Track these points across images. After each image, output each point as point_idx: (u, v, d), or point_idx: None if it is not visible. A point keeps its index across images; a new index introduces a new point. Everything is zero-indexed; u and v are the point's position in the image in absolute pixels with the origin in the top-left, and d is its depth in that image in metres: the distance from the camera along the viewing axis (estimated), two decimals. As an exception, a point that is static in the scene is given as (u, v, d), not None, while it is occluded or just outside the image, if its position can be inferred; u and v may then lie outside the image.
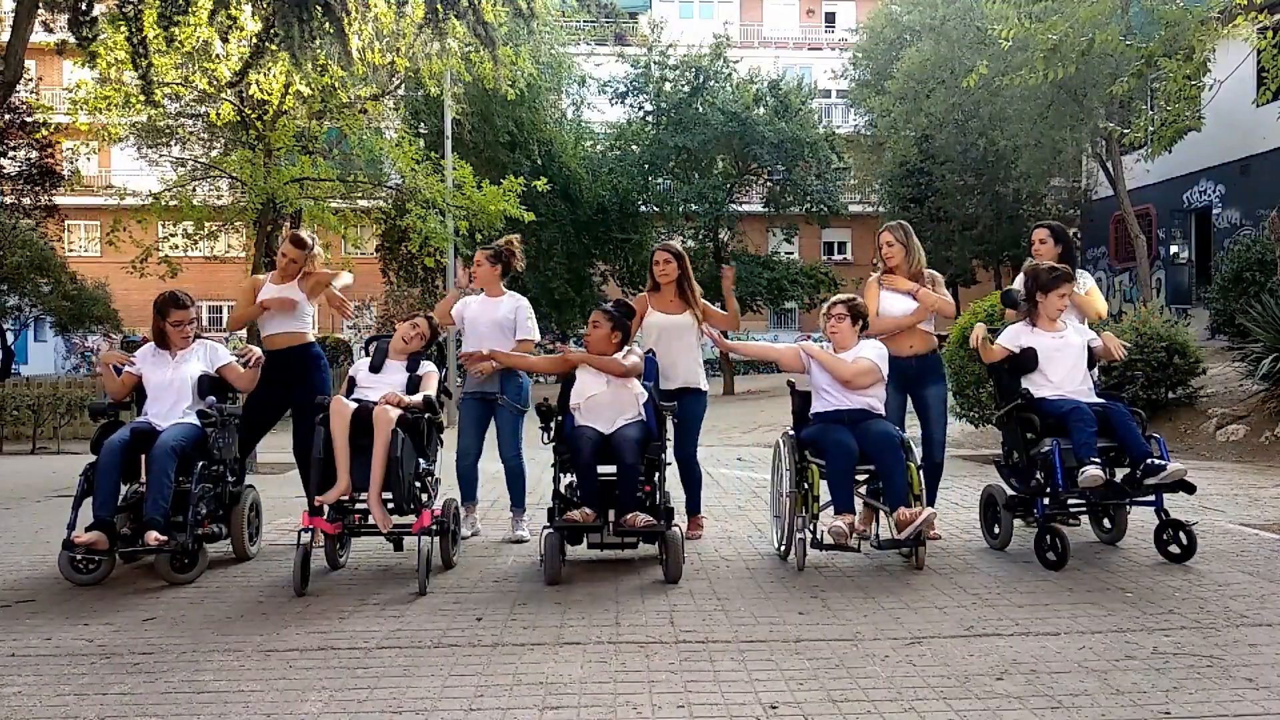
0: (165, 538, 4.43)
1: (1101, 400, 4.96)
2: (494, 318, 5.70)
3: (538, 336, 5.88)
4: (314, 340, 5.75)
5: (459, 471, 5.78)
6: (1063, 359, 5.04)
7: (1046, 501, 4.76)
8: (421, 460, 4.77)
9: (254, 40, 8.68)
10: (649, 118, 26.81)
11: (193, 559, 4.71)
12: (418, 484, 4.68)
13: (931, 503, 5.44)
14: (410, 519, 4.60)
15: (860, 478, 4.89)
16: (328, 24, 8.03)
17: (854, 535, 4.51)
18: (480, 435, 5.77)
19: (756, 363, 29.86)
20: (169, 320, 5.07)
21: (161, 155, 14.33)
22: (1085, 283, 5.51)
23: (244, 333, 5.27)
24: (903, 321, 5.38)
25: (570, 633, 3.76)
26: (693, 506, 5.77)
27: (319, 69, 9.70)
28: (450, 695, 3.11)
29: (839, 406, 4.92)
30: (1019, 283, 5.67)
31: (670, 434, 5.22)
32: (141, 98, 9.54)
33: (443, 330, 5.55)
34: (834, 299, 5.23)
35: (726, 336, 5.74)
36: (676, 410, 5.18)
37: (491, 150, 21.88)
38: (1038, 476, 4.88)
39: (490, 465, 5.91)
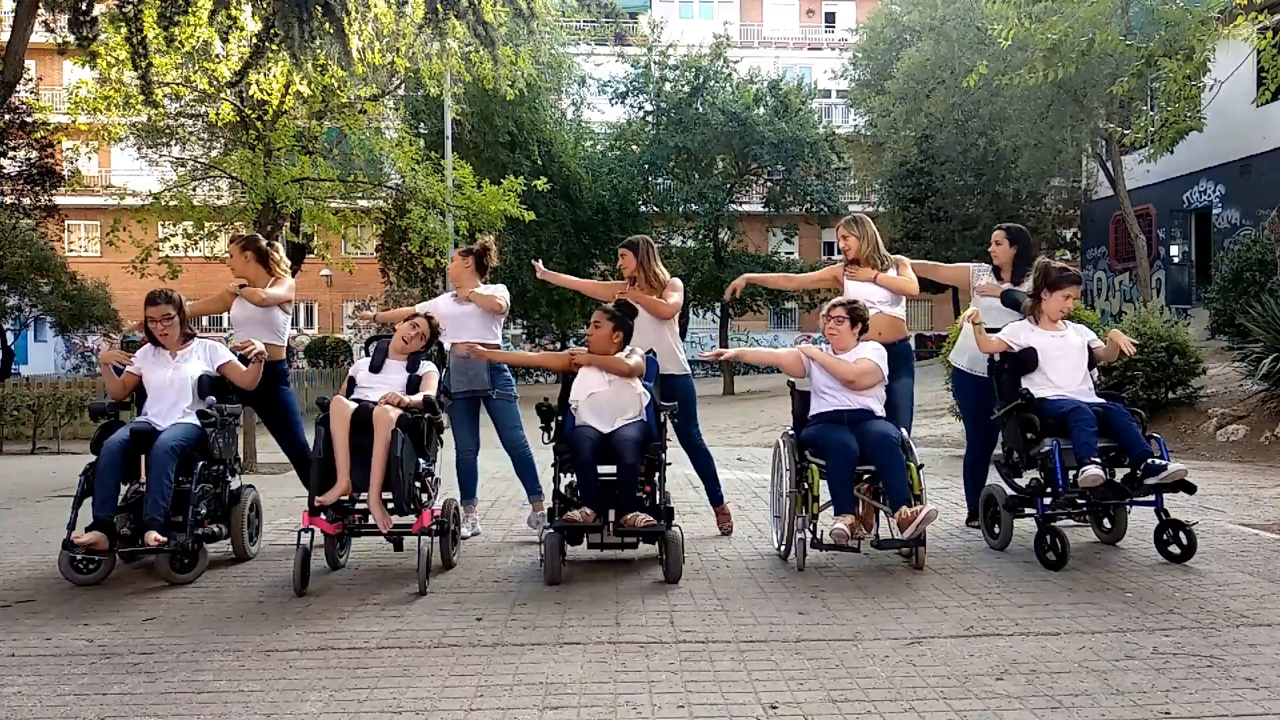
0: (165, 538, 4.44)
1: (1101, 400, 4.96)
2: (467, 314, 5.69)
3: (506, 298, 5.83)
4: (283, 358, 5.72)
5: (460, 468, 5.77)
6: (1063, 359, 5.04)
7: (1047, 501, 4.77)
8: (421, 460, 4.76)
9: (254, 40, 8.68)
10: (649, 118, 26.84)
11: (193, 559, 4.71)
12: (417, 484, 4.67)
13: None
14: (410, 519, 4.60)
15: (863, 477, 4.89)
16: (328, 24, 8.03)
17: (854, 537, 4.51)
18: (475, 430, 5.78)
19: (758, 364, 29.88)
20: (146, 317, 5.09)
21: (161, 155, 14.33)
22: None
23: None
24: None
25: (570, 633, 3.76)
26: (714, 496, 5.76)
27: (319, 69, 9.69)
28: (450, 695, 3.11)
29: (839, 407, 4.92)
30: (985, 278, 5.68)
31: (670, 433, 5.21)
32: (141, 98, 9.54)
33: (442, 330, 5.53)
34: (833, 300, 5.23)
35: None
36: (676, 410, 5.17)
37: (491, 150, 21.91)
38: (1037, 476, 4.89)
39: (489, 464, 5.91)
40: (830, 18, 37.14)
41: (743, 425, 16.08)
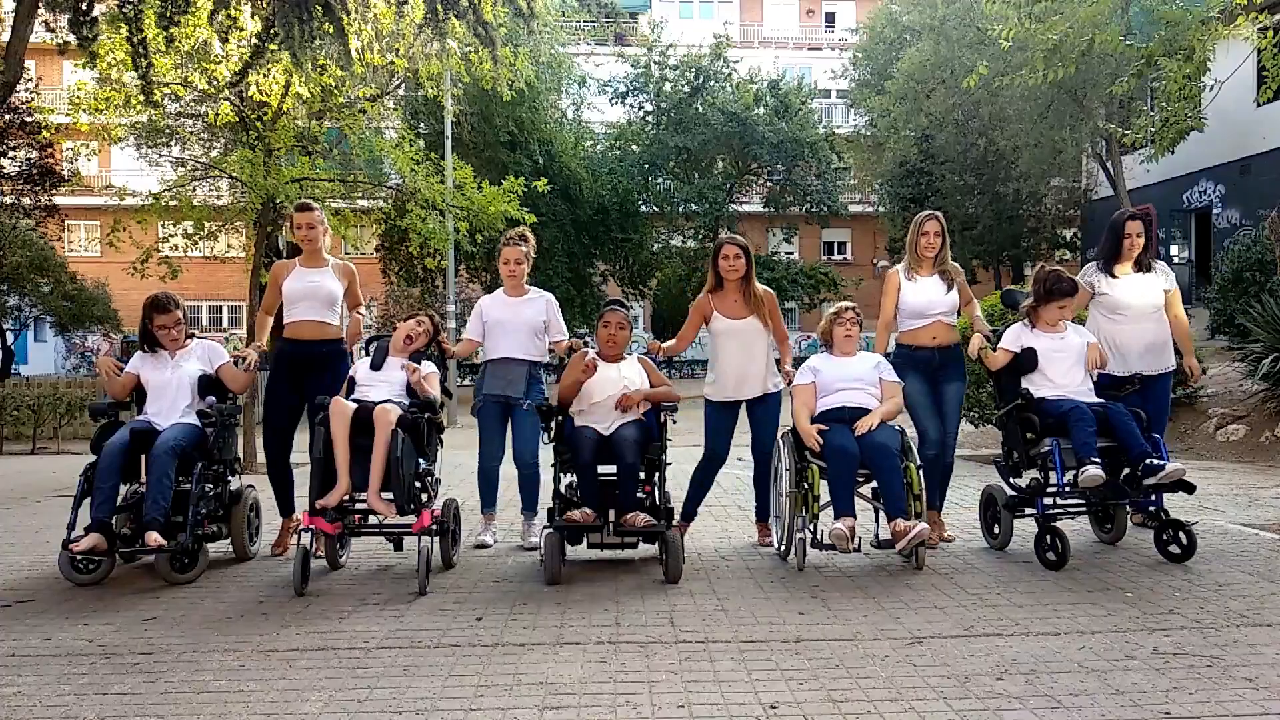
0: (165, 539, 4.44)
1: (1101, 400, 4.96)
2: (520, 319, 5.48)
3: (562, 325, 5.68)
4: (343, 337, 5.41)
5: (484, 475, 5.57)
6: (1062, 359, 5.05)
7: (1047, 500, 4.78)
8: (421, 460, 4.76)
9: (254, 40, 8.69)
10: (649, 118, 26.86)
11: (193, 559, 4.71)
12: (418, 484, 4.68)
13: (940, 505, 5.41)
14: (410, 519, 4.59)
15: (861, 480, 4.89)
16: (328, 24, 8.03)
17: (854, 539, 4.51)
18: (504, 438, 5.57)
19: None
20: (154, 325, 5.06)
21: (161, 155, 14.30)
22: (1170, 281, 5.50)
23: (244, 331, 5.24)
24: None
25: (570, 633, 3.76)
26: (763, 511, 5.56)
27: (319, 69, 9.68)
28: (450, 695, 3.11)
29: (841, 405, 4.92)
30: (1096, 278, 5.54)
31: (670, 432, 5.19)
32: (141, 98, 9.53)
33: (443, 333, 5.48)
34: (844, 305, 5.22)
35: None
36: (676, 410, 5.14)
37: (491, 150, 21.88)
38: (1036, 475, 4.90)
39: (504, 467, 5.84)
40: (830, 18, 37.12)
41: (743, 425, 16.06)
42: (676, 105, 25.74)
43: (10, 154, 19.11)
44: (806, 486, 4.75)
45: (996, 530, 5.22)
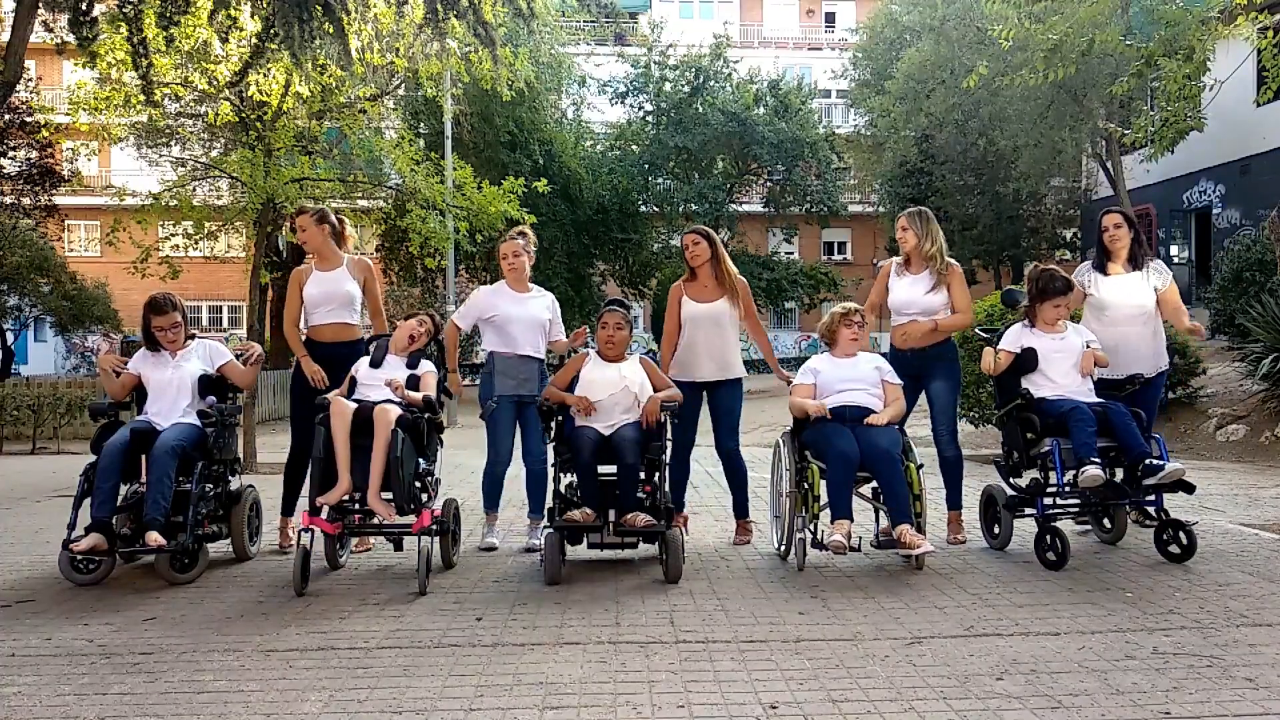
0: (166, 539, 4.44)
1: (1101, 400, 4.96)
2: (530, 314, 5.40)
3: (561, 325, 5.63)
4: (363, 336, 5.36)
5: (494, 480, 5.46)
6: (1062, 359, 5.04)
7: (1047, 500, 4.78)
8: (421, 460, 4.77)
9: (254, 40, 8.69)
10: (649, 118, 26.87)
11: (193, 559, 4.71)
12: (417, 484, 4.68)
13: (957, 503, 5.37)
14: (410, 519, 4.59)
15: (861, 479, 4.89)
16: (328, 24, 8.03)
17: (850, 540, 4.50)
18: (513, 440, 5.46)
19: (756, 362, 29.89)
20: (151, 326, 5.06)
21: (161, 155, 14.33)
22: (1166, 278, 5.44)
23: (244, 331, 5.24)
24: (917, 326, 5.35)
25: (570, 633, 3.76)
26: (740, 509, 5.52)
27: (319, 69, 9.68)
28: (450, 695, 3.11)
29: (841, 405, 4.92)
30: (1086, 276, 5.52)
31: (670, 433, 5.17)
32: (141, 98, 9.54)
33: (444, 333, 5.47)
34: (852, 307, 5.20)
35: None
36: (676, 411, 5.14)
37: (491, 150, 21.88)
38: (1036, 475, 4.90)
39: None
40: (830, 18, 37.13)
41: (743, 425, 16.04)
42: (676, 105, 25.75)
43: (10, 154, 19.11)
44: (806, 486, 4.74)
45: (996, 530, 5.21)
